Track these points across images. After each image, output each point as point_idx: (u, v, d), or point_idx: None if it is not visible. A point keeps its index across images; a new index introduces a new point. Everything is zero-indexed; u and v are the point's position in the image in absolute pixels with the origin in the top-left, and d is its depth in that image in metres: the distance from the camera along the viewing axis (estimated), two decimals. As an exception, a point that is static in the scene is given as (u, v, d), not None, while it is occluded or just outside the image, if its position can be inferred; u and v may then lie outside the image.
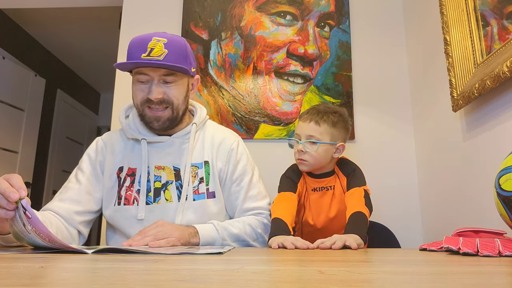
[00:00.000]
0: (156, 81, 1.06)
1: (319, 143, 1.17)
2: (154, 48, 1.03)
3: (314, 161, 1.18)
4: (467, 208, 1.32)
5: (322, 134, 1.18)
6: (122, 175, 1.12)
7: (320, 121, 1.18)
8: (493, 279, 0.43)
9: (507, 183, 0.71)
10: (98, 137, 1.22)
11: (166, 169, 1.12)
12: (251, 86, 1.86)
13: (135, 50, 1.05)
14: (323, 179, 1.23)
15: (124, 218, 1.09)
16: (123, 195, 1.10)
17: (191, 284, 0.37)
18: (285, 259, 0.66)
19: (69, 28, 3.48)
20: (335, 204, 1.22)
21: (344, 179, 1.22)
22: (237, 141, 1.21)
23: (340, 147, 1.21)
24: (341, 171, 1.24)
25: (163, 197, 1.10)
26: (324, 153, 1.18)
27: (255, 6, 1.93)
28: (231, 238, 1.05)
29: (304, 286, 0.35)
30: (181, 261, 0.59)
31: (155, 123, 1.09)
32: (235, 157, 1.18)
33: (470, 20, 1.25)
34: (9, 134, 3.21)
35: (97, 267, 0.52)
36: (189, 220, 1.07)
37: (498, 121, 1.13)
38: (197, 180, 1.12)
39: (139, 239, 0.92)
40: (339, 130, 1.21)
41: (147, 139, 1.12)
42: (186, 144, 1.14)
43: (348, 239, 0.90)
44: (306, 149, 1.17)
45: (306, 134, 1.19)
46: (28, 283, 0.37)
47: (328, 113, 1.20)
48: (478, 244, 0.65)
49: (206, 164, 1.14)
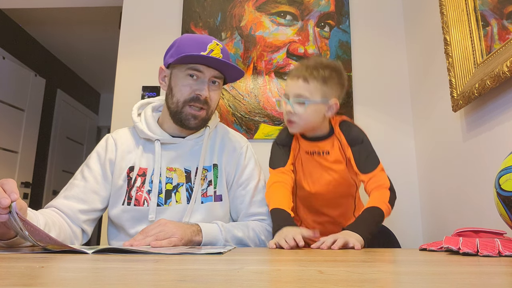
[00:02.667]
0: (207, 80, 1.07)
1: (307, 102, 1.07)
2: (214, 50, 1.05)
3: (303, 122, 1.09)
4: (467, 208, 1.32)
5: (312, 92, 1.07)
6: (132, 175, 1.11)
7: (309, 78, 1.07)
8: (493, 279, 0.43)
9: (507, 183, 0.71)
10: (108, 134, 1.20)
11: (177, 171, 1.12)
12: (251, 86, 1.86)
13: (194, 47, 1.04)
14: (318, 142, 1.14)
15: (133, 219, 1.07)
16: (133, 195, 1.09)
17: (191, 284, 0.37)
18: (285, 259, 0.66)
19: (69, 28, 3.48)
20: (329, 172, 1.14)
21: (345, 144, 1.12)
22: (246, 146, 1.22)
23: (333, 105, 1.10)
24: (344, 136, 1.13)
25: (173, 199, 1.09)
26: (314, 113, 1.08)
27: (255, 6, 1.94)
28: (233, 240, 1.04)
29: (304, 286, 0.35)
30: (181, 261, 0.59)
31: (193, 121, 1.09)
32: (243, 161, 1.18)
33: (470, 20, 1.25)
34: (9, 134, 3.21)
35: (97, 267, 0.52)
36: (196, 222, 1.06)
37: (498, 121, 1.13)
38: (206, 183, 1.12)
39: (141, 238, 0.91)
40: (331, 87, 1.09)
41: (160, 140, 1.12)
42: (198, 147, 1.14)
43: (350, 239, 0.88)
44: (294, 109, 1.08)
45: (294, 93, 1.08)
46: (28, 283, 0.37)
47: (318, 68, 1.08)
48: (478, 244, 0.65)
49: (215, 167, 1.14)
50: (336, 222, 1.19)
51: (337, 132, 1.14)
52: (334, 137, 1.14)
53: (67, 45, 3.79)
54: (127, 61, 1.97)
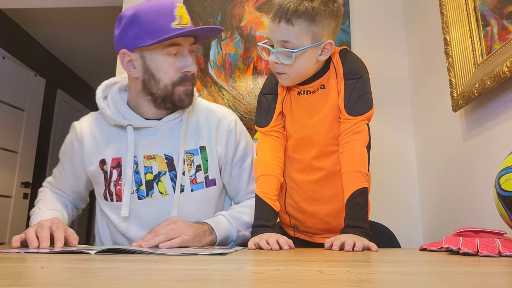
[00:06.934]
0: (188, 51, 0.97)
1: (294, 52, 0.89)
2: (182, 15, 0.93)
3: (294, 73, 0.94)
4: (467, 208, 1.31)
5: (299, 37, 0.89)
6: (107, 168, 1.02)
7: (293, 18, 0.87)
8: (493, 279, 0.43)
9: (507, 183, 0.71)
10: (74, 123, 1.09)
11: (157, 158, 1.01)
12: (251, 86, 1.86)
13: (162, 20, 0.92)
14: (311, 84, 0.99)
15: (117, 216, 1.01)
16: (113, 191, 1.01)
17: (191, 284, 0.37)
18: (285, 259, 0.66)
19: (69, 28, 3.48)
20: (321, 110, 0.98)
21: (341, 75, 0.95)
22: (234, 120, 1.10)
23: (327, 46, 0.93)
24: (342, 65, 0.96)
25: (156, 190, 1.00)
26: (305, 61, 0.92)
27: (255, 6, 1.93)
28: (243, 227, 1.00)
29: (304, 286, 0.35)
30: (181, 261, 0.59)
31: (186, 99, 0.99)
32: (234, 138, 1.08)
33: (470, 20, 1.25)
34: (9, 134, 3.21)
35: (97, 267, 0.52)
36: (188, 213, 0.99)
37: (498, 121, 1.13)
38: (194, 169, 1.02)
39: (150, 238, 0.86)
40: (322, 23, 0.89)
41: (133, 124, 0.99)
42: (178, 129, 1.03)
43: (357, 242, 0.80)
44: (280, 60, 0.92)
45: (277, 40, 0.91)
46: (28, 283, 0.37)
47: (303, 1, 0.88)
48: (478, 244, 0.65)
49: (202, 150, 1.04)
50: (331, 176, 1.02)
51: (335, 60, 0.98)
52: (330, 71, 0.99)
53: (67, 45, 3.79)
54: (127, 61, 1.97)
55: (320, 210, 1.04)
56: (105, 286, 0.36)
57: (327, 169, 1.02)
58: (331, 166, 1.01)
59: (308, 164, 1.03)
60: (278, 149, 1.04)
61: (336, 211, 1.02)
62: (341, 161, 0.96)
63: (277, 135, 1.05)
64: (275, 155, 1.03)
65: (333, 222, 1.04)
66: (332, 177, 1.02)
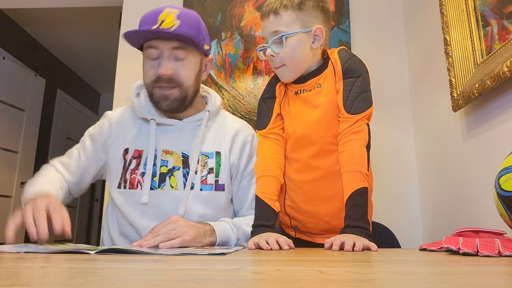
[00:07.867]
0: (166, 55, 1.00)
1: (284, 36, 0.93)
2: (165, 20, 0.97)
3: (291, 61, 0.96)
4: (467, 208, 1.32)
5: (288, 24, 0.94)
6: (128, 157, 1.08)
7: (280, 9, 0.94)
8: (493, 279, 0.43)
9: (507, 183, 0.71)
10: (106, 112, 1.18)
11: (174, 154, 1.07)
12: (251, 86, 1.86)
13: (145, 23, 0.99)
14: (307, 82, 1.01)
15: (128, 204, 1.05)
16: (128, 178, 1.06)
17: (191, 284, 0.37)
18: (285, 259, 0.66)
19: (69, 28, 3.48)
20: (319, 109, 0.99)
21: (339, 73, 0.97)
22: (252, 135, 1.16)
23: (318, 32, 0.96)
24: (340, 64, 0.98)
25: (168, 183, 1.05)
26: (298, 46, 0.95)
27: (255, 6, 1.93)
28: (243, 237, 1.01)
29: (304, 286, 0.35)
30: (181, 261, 0.59)
31: (163, 102, 1.04)
32: (249, 151, 1.13)
33: (470, 20, 1.25)
34: (9, 134, 3.21)
35: (97, 267, 0.52)
36: (195, 211, 1.03)
37: (498, 121, 1.13)
38: (206, 170, 1.07)
39: (150, 238, 0.85)
40: (309, 12, 0.95)
41: (156, 120, 1.07)
42: (197, 131, 1.09)
43: (357, 242, 0.81)
44: (274, 50, 0.95)
45: (269, 33, 0.96)
46: (28, 283, 0.37)
47: None
48: (478, 244, 0.65)
49: (217, 155, 1.09)
50: (329, 176, 1.02)
51: (333, 59, 1.00)
52: (328, 69, 1.00)
53: (67, 45, 3.79)
54: (127, 61, 1.97)
55: (319, 210, 1.04)
56: (105, 286, 0.36)
57: (325, 169, 1.02)
58: (330, 166, 1.01)
59: (305, 163, 1.04)
60: (277, 151, 1.06)
61: (335, 211, 1.01)
62: (341, 161, 0.97)
63: (277, 137, 1.07)
64: (275, 157, 1.05)
65: (333, 222, 1.04)
66: (331, 177, 1.01)
